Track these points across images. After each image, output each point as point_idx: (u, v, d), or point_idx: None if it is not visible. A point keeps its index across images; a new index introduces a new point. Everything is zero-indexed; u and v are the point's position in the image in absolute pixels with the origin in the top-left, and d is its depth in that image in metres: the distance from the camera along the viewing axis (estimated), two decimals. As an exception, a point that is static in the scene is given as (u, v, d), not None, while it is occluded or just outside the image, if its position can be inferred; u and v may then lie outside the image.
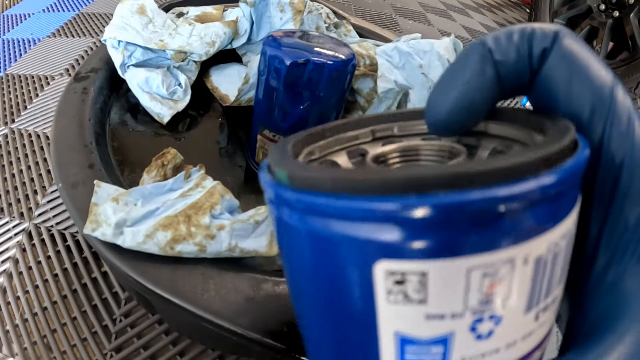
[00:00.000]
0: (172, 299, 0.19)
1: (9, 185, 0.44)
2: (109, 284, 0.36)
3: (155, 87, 0.33)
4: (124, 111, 0.34)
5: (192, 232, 0.19)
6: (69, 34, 0.66)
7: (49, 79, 0.57)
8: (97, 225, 0.20)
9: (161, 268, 0.20)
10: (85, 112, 0.31)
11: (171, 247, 0.19)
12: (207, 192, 0.21)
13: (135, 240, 0.19)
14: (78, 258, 0.37)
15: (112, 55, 0.34)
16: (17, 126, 0.51)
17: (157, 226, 0.19)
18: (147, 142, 0.31)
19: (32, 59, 0.61)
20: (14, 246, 0.39)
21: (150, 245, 0.19)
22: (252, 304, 0.20)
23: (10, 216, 0.41)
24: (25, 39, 0.65)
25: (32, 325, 0.34)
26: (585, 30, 0.92)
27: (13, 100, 0.54)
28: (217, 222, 0.20)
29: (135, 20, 0.35)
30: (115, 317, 0.34)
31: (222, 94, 0.36)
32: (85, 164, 0.26)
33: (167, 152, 0.25)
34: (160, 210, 0.20)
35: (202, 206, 0.20)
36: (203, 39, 0.34)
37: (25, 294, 0.36)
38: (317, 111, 0.26)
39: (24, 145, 0.48)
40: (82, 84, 0.33)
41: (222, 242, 0.20)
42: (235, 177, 0.31)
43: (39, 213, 0.41)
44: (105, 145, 0.29)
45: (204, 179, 0.22)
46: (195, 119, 0.35)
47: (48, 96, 0.54)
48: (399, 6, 1.14)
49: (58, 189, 0.25)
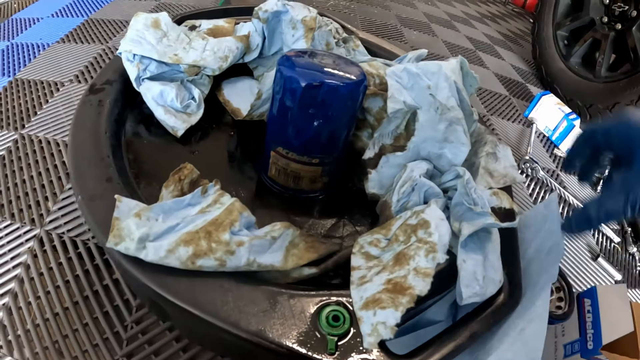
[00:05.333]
0: (193, 310, 0.20)
1: (19, 191, 0.45)
2: (120, 291, 0.36)
3: (169, 100, 0.34)
4: (137, 123, 0.35)
5: (213, 248, 0.20)
6: (78, 40, 0.67)
7: (58, 85, 0.58)
8: (120, 239, 0.21)
9: (180, 280, 0.21)
10: (101, 124, 0.31)
11: (192, 262, 0.20)
12: (226, 209, 0.21)
13: (158, 255, 0.20)
14: (90, 265, 0.38)
15: (127, 68, 0.35)
16: (27, 132, 0.51)
17: (178, 241, 0.20)
18: (162, 155, 0.32)
19: (41, 64, 0.62)
20: (26, 252, 0.40)
21: (172, 260, 0.20)
22: (269, 315, 0.21)
23: (21, 222, 0.42)
24: (34, 43, 0.66)
25: (44, 330, 0.35)
26: (587, 42, 0.94)
27: (23, 106, 0.55)
28: (237, 239, 0.21)
29: (150, 34, 0.36)
30: (126, 323, 0.35)
31: (233, 108, 0.37)
32: (103, 178, 0.27)
33: (184, 167, 0.26)
34: (180, 225, 0.21)
35: (222, 223, 0.21)
36: (216, 53, 0.35)
37: (37, 299, 0.37)
38: (328, 129, 0.27)
39: (35, 151, 0.49)
40: (97, 97, 0.34)
41: (241, 258, 0.20)
42: (246, 189, 0.32)
43: (50, 220, 0.42)
44: (121, 158, 0.30)
45: (221, 195, 0.23)
46: (207, 131, 0.36)
47: (58, 103, 0.55)
48: (404, 17, 1.15)
49: (77, 201, 0.26)
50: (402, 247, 0.25)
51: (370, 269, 0.24)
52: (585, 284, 0.51)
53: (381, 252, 0.26)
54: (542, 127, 0.79)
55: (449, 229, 0.27)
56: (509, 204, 0.33)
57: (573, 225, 0.26)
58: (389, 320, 0.21)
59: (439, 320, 0.30)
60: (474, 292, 0.27)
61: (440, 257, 0.25)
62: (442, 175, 0.31)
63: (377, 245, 0.26)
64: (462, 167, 0.29)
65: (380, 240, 0.26)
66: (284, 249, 0.22)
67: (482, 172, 0.34)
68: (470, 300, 0.27)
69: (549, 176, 0.62)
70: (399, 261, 0.24)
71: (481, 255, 0.28)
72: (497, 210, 0.32)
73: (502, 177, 0.35)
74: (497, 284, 0.29)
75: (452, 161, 0.30)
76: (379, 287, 0.23)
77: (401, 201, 0.29)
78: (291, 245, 0.23)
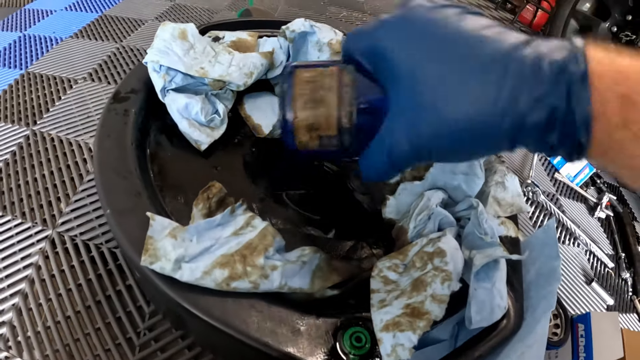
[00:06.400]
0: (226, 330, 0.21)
1: (31, 190, 0.45)
2: (133, 297, 0.37)
3: (194, 113, 0.34)
4: (160, 134, 0.36)
5: (248, 272, 0.21)
6: (92, 36, 0.66)
7: (71, 81, 0.58)
8: (155, 259, 0.21)
9: (211, 299, 0.22)
10: (127, 135, 0.32)
11: (227, 284, 0.21)
12: (260, 233, 0.22)
13: (194, 276, 0.21)
14: (102, 270, 0.38)
15: (154, 79, 0.35)
16: (39, 129, 0.51)
17: (214, 264, 0.21)
18: (185, 168, 0.33)
19: (54, 58, 0.61)
20: (37, 252, 0.40)
21: (208, 281, 0.21)
22: (297, 335, 0.22)
23: (32, 222, 0.42)
24: (47, 36, 0.65)
25: (55, 333, 0.35)
26: None
27: (35, 101, 0.55)
28: (271, 263, 0.22)
29: (177, 45, 0.36)
30: (139, 330, 0.35)
31: (255, 124, 0.37)
32: (132, 192, 0.27)
33: (213, 186, 0.27)
34: (214, 247, 0.22)
35: (256, 247, 0.22)
36: (242, 69, 0.36)
37: (48, 301, 0.37)
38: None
39: (47, 149, 0.49)
40: (122, 105, 0.35)
41: (274, 281, 0.22)
42: (267, 207, 0.33)
43: (62, 221, 0.42)
44: (146, 171, 0.31)
45: (252, 218, 0.24)
46: (229, 146, 0.37)
47: (71, 101, 0.55)
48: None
49: (105, 215, 0.26)
50: (419, 274, 0.27)
51: (389, 292, 0.26)
52: (579, 307, 0.53)
53: (399, 276, 0.27)
54: (544, 151, 0.81)
55: (462, 259, 0.28)
56: (515, 233, 0.35)
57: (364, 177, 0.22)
58: (406, 343, 0.23)
59: (443, 339, 0.32)
60: (483, 317, 0.28)
61: (454, 285, 0.27)
62: (456, 205, 0.32)
63: (395, 270, 0.27)
64: (476, 199, 0.31)
65: (399, 265, 0.28)
66: (311, 272, 0.23)
67: (491, 200, 0.35)
68: (478, 325, 0.28)
69: (548, 200, 0.64)
70: (416, 287, 0.26)
71: (490, 283, 0.30)
72: (503, 239, 0.34)
73: (509, 206, 0.36)
74: (503, 310, 0.30)
75: (466, 192, 0.32)
76: (398, 310, 0.24)
77: (417, 228, 0.30)
78: (317, 269, 0.24)
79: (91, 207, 0.43)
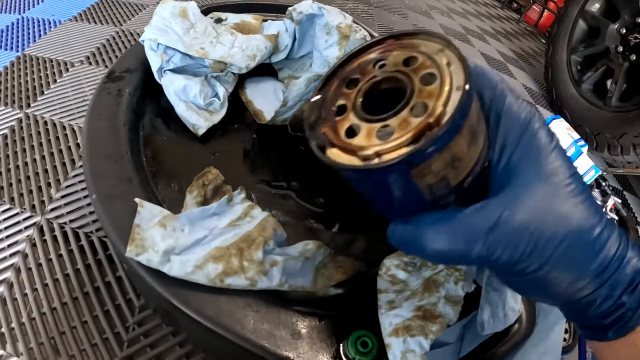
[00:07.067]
0: (218, 330, 0.19)
1: (21, 174, 0.43)
2: (123, 289, 0.35)
3: (192, 96, 0.32)
4: (156, 117, 0.33)
5: (245, 267, 0.19)
6: (91, 19, 0.64)
7: (68, 65, 0.56)
8: (142, 250, 0.19)
9: (204, 296, 0.20)
10: (120, 116, 0.30)
11: (221, 280, 0.19)
12: (260, 224, 0.20)
13: (184, 270, 0.19)
14: (91, 259, 0.36)
15: (150, 57, 0.33)
16: (32, 112, 0.49)
17: (207, 257, 0.19)
18: (181, 154, 0.31)
19: (51, 41, 0.59)
20: (24, 240, 0.38)
21: (199, 276, 0.19)
22: (298, 338, 0.20)
23: (21, 207, 0.40)
24: (45, 19, 0.63)
25: (40, 325, 0.33)
26: (601, 70, 0.94)
27: (30, 84, 0.53)
28: (271, 258, 0.19)
29: (177, 23, 0.34)
30: (128, 324, 0.33)
31: (256, 109, 0.35)
32: (122, 177, 0.25)
33: (209, 172, 0.25)
34: (208, 238, 0.20)
35: (255, 240, 0.19)
36: (245, 51, 0.34)
37: (34, 291, 0.35)
38: None
39: (39, 132, 0.47)
40: (116, 85, 0.32)
41: (274, 278, 0.19)
42: (266, 196, 0.31)
43: (52, 208, 0.40)
44: (139, 154, 0.29)
45: (252, 207, 0.22)
46: (228, 131, 0.34)
47: (67, 84, 0.53)
48: (420, 26, 1.15)
49: (92, 200, 0.24)
50: (430, 273, 0.25)
51: (398, 293, 0.24)
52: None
53: (408, 275, 0.25)
54: (550, 151, 0.79)
55: None
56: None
57: (391, 237, 0.18)
58: (417, 349, 0.21)
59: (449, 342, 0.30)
60: (496, 322, 0.27)
61: (468, 287, 0.25)
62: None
63: (404, 269, 0.25)
64: None
65: (408, 263, 0.25)
66: (314, 269, 0.21)
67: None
68: (491, 330, 0.26)
69: None
70: (428, 287, 0.24)
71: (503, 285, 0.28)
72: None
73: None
74: (517, 313, 0.28)
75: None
76: (409, 313, 0.22)
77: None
78: (320, 265, 0.22)
79: (82, 193, 0.41)
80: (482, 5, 1.85)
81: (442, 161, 0.15)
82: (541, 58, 1.33)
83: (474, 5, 1.74)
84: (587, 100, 0.93)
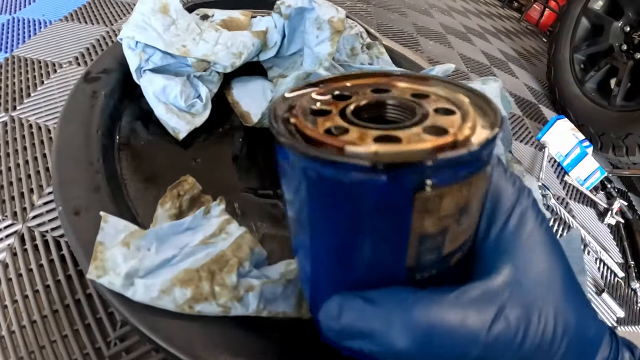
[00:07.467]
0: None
1: (3, 180, 0.41)
2: (104, 302, 0.33)
3: (172, 97, 0.30)
4: (134, 120, 0.31)
5: (216, 292, 0.17)
6: (82, 19, 0.63)
7: (56, 65, 0.54)
8: (103, 272, 0.17)
9: (173, 323, 0.18)
10: (93, 120, 0.28)
11: (190, 306, 0.17)
12: (235, 243, 0.18)
13: (149, 295, 0.16)
14: (73, 270, 0.35)
15: (128, 56, 0.31)
16: (18, 114, 0.48)
17: (174, 281, 0.17)
18: (159, 161, 0.29)
19: (41, 42, 0.58)
20: (4, 249, 0.36)
21: (166, 302, 0.17)
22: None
23: (2, 214, 0.38)
24: (36, 19, 0.62)
25: (20, 339, 0.31)
26: (604, 69, 0.90)
27: (17, 85, 0.51)
28: (246, 283, 0.17)
29: (157, 20, 0.32)
30: (109, 339, 0.31)
31: (243, 111, 0.33)
32: (90, 186, 0.23)
33: (185, 181, 0.23)
34: (177, 258, 0.18)
35: (228, 261, 0.17)
36: (229, 48, 0.32)
37: (14, 303, 0.33)
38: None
39: (24, 136, 0.45)
40: (92, 86, 0.30)
41: (249, 305, 0.17)
42: (252, 207, 0.29)
43: (33, 215, 0.38)
44: (112, 161, 0.27)
45: (228, 222, 0.20)
46: (212, 135, 0.32)
47: (54, 86, 0.51)
48: (420, 25, 1.11)
49: (58, 212, 0.22)
50: None
51: None
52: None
53: None
54: (554, 152, 0.76)
55: None
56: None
57: (329, 321, 0.12)
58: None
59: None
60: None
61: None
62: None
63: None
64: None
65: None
66: (298, 291, 0.19)
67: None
68: None
69: (559, 204, 0.59)
70: None
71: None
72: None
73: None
74: None
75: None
76: None
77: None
78: (302, 286, 0.20)
79: (65, 200, 0.39)
80: (482, 4, 1.81)
81: (454, 202, 0.11)
82: (543, 57, 1.29)
83: (474, 3, 1.70)
84: (590, 99, 0.90)
